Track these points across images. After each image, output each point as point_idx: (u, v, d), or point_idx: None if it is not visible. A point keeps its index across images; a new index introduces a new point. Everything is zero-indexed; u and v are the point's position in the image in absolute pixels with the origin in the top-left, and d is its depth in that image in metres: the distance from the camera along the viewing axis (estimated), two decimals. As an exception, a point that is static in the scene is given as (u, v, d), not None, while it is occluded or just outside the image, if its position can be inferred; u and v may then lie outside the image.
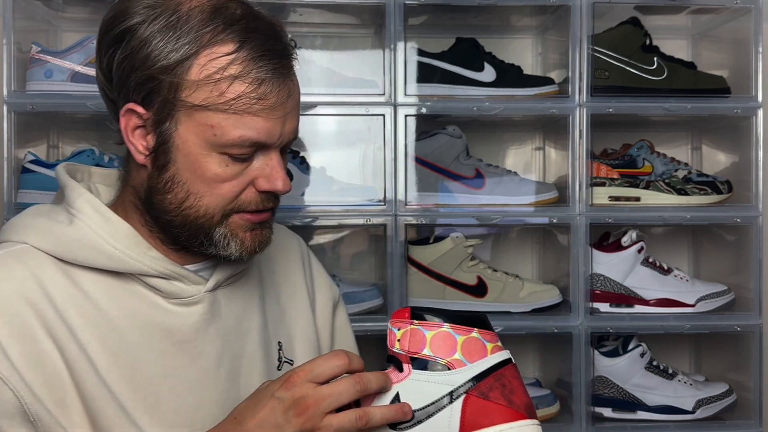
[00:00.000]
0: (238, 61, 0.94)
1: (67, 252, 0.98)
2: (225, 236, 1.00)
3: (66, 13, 1.93)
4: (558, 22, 1.90)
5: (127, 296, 1.00)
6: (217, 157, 0.96)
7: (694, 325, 1.84)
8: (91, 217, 1.00)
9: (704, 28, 2.06)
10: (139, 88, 0.96)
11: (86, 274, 0.99)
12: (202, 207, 0.98)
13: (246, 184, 0.99)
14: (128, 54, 0.95)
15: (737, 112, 1.85)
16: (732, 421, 1.86)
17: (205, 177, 0.97)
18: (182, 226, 0.99)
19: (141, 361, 0.99)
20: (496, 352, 0.94)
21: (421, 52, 1.85)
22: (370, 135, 1.89)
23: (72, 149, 1.84)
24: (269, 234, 1.05)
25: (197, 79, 0.94)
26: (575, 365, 1.81)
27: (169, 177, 0.98)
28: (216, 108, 0.94)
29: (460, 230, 1.88)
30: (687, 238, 2.12)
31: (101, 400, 0.95)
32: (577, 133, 1.82)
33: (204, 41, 0.94)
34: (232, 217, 1.00)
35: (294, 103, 1.00)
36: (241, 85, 0.94)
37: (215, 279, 1.05)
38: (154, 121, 0.97)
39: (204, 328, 1.04)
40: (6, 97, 1.71)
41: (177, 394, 1.00)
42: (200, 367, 1.03)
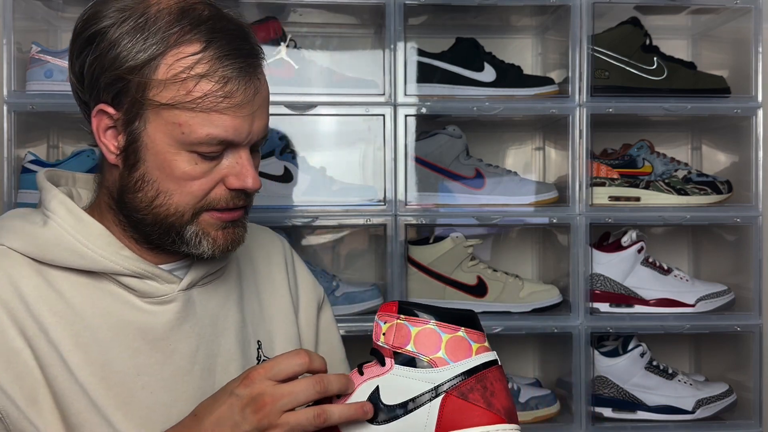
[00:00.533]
0: (205, 60, 0.95)
1: (41, 252, 0.99)
2: (197, 234, 1.01)
3: (66, 13, 1.93)
4: (558, 22, 1.90)
5: (101, 295, 1.01)
6: (186, 156, 0.97)
7: (694, 325, 1.84)
8: (64, 218, 1.01)
9: (704, 28, 2.06)
10: (109, 89, 0.97)
11: (61, 274, 1.00)
12: (172, 205, 0.99)
13: (215, 182, 1.00)
14: (98, 55, 0.97)
15: (737, 112, 1.85)
16: (732, 421, 1.86)
17: (174, 175, 0.98)
18: (153, 224, 1.00)
19: (114, 359, 0.99)
20: (481, 353, 0.93)
21: (421, 52, 1.85)
22: (370, 135, 1.89)
23: (72, 149, 1.84)
24: (242, 232, 1.05)
25: (164, 79, 0.95)
26: (575, 365, 1.81)
27: (140, 176, 0.99)
28: (183, 106, 0.95)
29: (460, 230, 1.88)
30: (687, 238, 2.12)
31: (73, 397, 0.96)
32: (577, 133, 1.82)
33: (171, 41, 0.95)
34: (202, 215, 1.01)
35: (261, 101, 1.01)
36: (208, 84, 0.95)
37: (189, 278, 1.06)
38: (124, 120, 0.98)
39: (178, 327, 1.04)
40: (6, 97, 1.71)
41: (150, 392, 1.01)
42: (174, 365, 1.03)
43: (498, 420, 0.89)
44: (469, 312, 0.97)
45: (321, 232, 2.00)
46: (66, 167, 1.74)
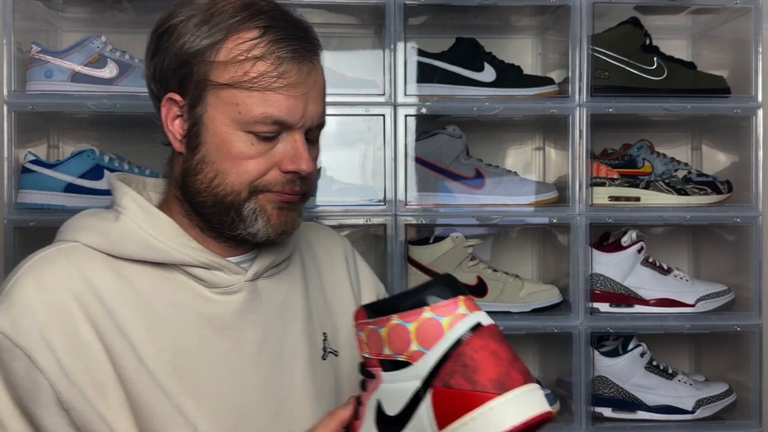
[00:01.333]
0: (262, 44, 1.01)
1: (114, 246, 1.04)
2: (254, 211, 1.04)
3: (66, 13, 1.93)
4: (558, 22, 1.90)
5: (170, 286, 1.05)
6: (242, 136, 1.02)
7: (694, 325, 1.84)
8: (135, 212, 1.06)
9: (704, 28, 2.06)
10: (175, 75, 1.03)
11: (132, 267, 1.04)
12: (228, 185, 1.03)
13: (271, 165, 1.03)
14: (167, 48, 1.04)
15: (737, 112, 1.85)
16: (732, 421, 1.86)
17: (231, 155, 1.02)
18: (213, 205, 1.04)
19: (184, 347, 1.03)
20: (456, 324, 0.83)
21: (421, 52, 1.85)
22: (370, 135, 1.89)
23: (72, 149, 1.83)
24: (296, 217, 1.08)
25: (224, 61, 1.01)
26: (575, 365, 1.81)
27: (200, 158, 1.04)
28: (240, 86, 1.00)
29: (460, 230, 1.88)
30: (687, 238, 2.12)
31: (144, 386, 0.98)
32: (577, 133, 1.82)
33: (232, 29, 1.01)
34: (259, 195, 1.04)
35: (318, 88, 1.06)
36: (263, 65, 1.00)
37: (255, 269, 1.10)
38: (188, 106, 1.04)
39: (245, 316, 1.07)
40: (6, 97, 1.71)
41: (220, 379, 1.04)
42: (242, 354, 1.06)
43: (484, 398, 0.79)
44: (434, 281, 0.86)
45: (321, 232, 2.00)
46: (66, 167, 1.74)
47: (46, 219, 1.71)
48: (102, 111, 1.71)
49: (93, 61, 1.76)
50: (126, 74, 1.77)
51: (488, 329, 0.85)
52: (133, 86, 1.76)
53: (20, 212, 1.72)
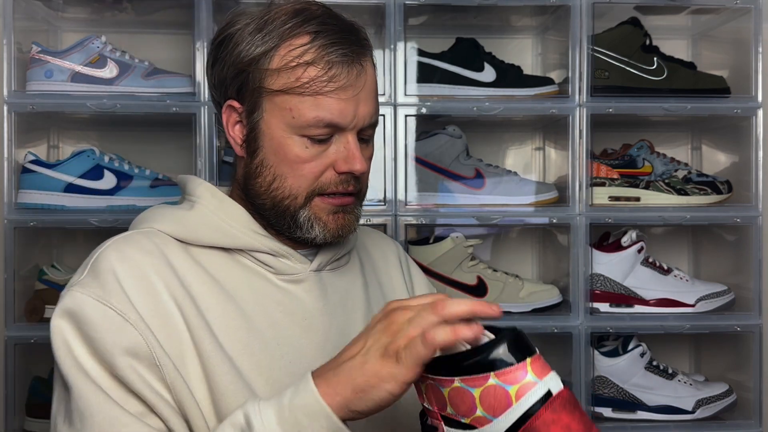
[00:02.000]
0: (312, 49, 1.04)
1: (187, 232, 1.08)
2: (309, 219, 1.08)
3: (66, 13, 1.93)
4: (558, 22, 1.90)
5: (241, 269, 1.09)
6: (297, 140, 1.06)
7: (694, 325, 1.84)
8: (209, 200, 1.11)
9: (704, 28, 2.06)
10: (233, 83, 1.08)
11: (204, 252, 1.08)
12: (287, 188, 1.07)
13: (325, 166, 1.07)
14: (225, 56, 1.08)
15: (737, 112, 1.85)
16: (732, 421, 1.86)
17: (288, 158, 1.06)
18: (272, 208, 1.09)
19: (257, 327, 1.06)
20: (524, 395, 0.79)
21: (421, 52, 1.85)
22: (370, 135, 1.89)
23: (72, 149, 1.83)
24: (352, 220, 1.12)
25: (277, 68, 1.05)
26: (575, 365, 1.81)
27: (259, 161, 1.08)
28: (293, 92, 1.04)
29: (460, 230, 1.88)
30: (687, 238, 2.12)
31: (218, 361, 1.01)
32: (577, 133, 1.82)
33: (284, 36, 1.05)
34: (314, 200, 1.08)
35: (368, 88, 1.08)
36: (314, 70, 1.04)
37: (319, 260, 1.14)
38: (246, 112, 1.08)
39: (312, 304, 1.11)
40: (6, 97, 1.71)
41: (289, 361, 1.06)
42: (309, 340, 1.09)
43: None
44: (499, 338, 0.80)
45: (321, 232, 2.00)
46: (66, 167, 1.74)
47: (46, 219, 1.71)
48: (102, 111, 1.71)
49: (93, 61, 1.76)
50: (126, 74, 1.77)
51: (559, 398, 0.80)
52: (133, 86, 1.76)
53: (20, 212, 1.72)
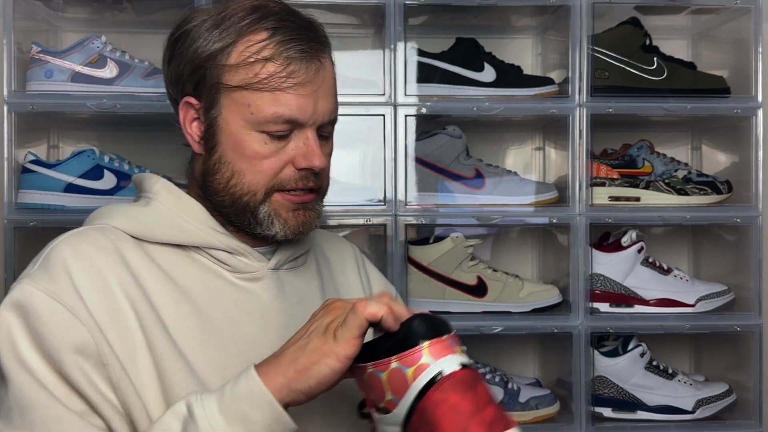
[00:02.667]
0: (271, 45, 1.04)
1: (142, 229, 1.07)
2: (269, 215, 1.08)
3: (66, 13, 1.93)
4: (558, 22, 1.90)
5: (197, 267, 1.08)
6: (256, 136, 1.06)
7: (694, 325, 1.84)
8: (166, 197, 1.10)
9: (704, 28, 2.06)
10: (190, 79, 1.08)
11: (159, 249, 1.07)
12: (245, 184, 1.07)
13: (285, 162, 1.07)
14: (182, 51, 1.08)
15: (737, 112, 1.85)
16: (732, 421, 1.86)
17: (246, 154, 1.06)
18: (231, 205, 1.08)
19: (212, 325, 1.05)
20: (418, 376, 0.83)
21: (421, 52, 1.85)
22: (370, 135, 1.89)
23: (72, 149, 1.83)
24: (313, 217, 1.12)
25: (235, 64, 1.04)
26: (575, 365, 1.81)
27: (217, 158, 1.08)
28: (251, 87, 1.04)
29: (460, 230, 1.88)
30: (687, 238, 2.12)
31: (172, 359, 1.00)
32: (577, 133, 1.82)
33: (242, 32, 1.05)
34: (274, 195, 1.08)
35: (327, 85, 1.09)
36: (273, 66, 1.04)
37: (277, 258, 1.13)
38: (204, 109, 1.08)
39: (270, 303, 1.11)
40: (6, 97, 1.71)
41: (246, 359, 1.04)
42: (267, 338, 1.08)
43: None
44: (405, 322, 0.87)
45: (321, 232, 2.00)
46: (66, 167, 1.74)
47: (46, 219, 1.71)
48: (102, 111, 1.71)
49: (93, 61, 1.76)
50: (126, 74, 1.77)
51: (450, 379, 0.82)
52: (133, 86, 1.76)
53: (20, 212, 1.72)
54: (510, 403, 1.82)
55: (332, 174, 1.87)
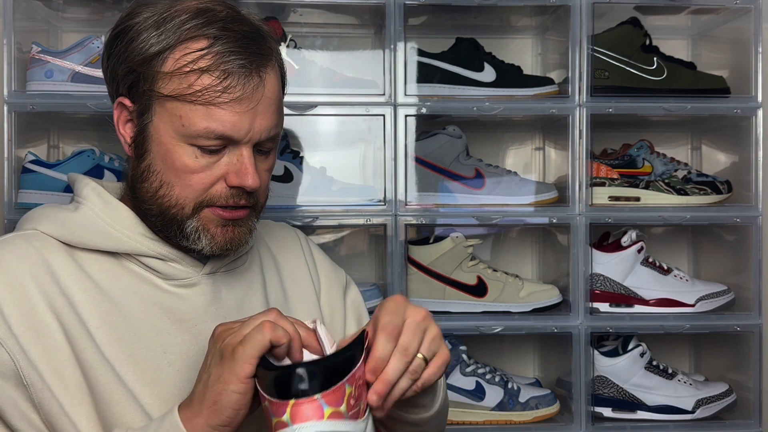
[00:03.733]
0: (209, 55, 0.98)
1: (71, 235, 1.03)
2: (196, 230, 1.02)
3: (66, 13, 1.93)
4: (558, 22, 1.90)
5: (127, 275, 1.04)
6: (187, 149, 1.00)
7: (693, 325, 1.84)
8: (94, 202, 1.06)
9: (704, 28, 2.06)
10: (125, 80, 1.02)
11: (89, 256, 1.03)
12: (173, 197, 1.02)
13: (216, 178, 1.01)
14: (120, 50, 1.02)
15: (737, 112, 1.85)
16: (732, 420, 1.86)
17: (175, 167, 1.01)
18: (158, 215, 1.03)
19: (141, 336, 1.02)
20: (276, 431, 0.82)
21: (421, 52, 1.85)
22: (370, 135, 1.89)
23: (72, 149, 1.83)
24: (244, 234, 1.06)
25: (170, 71, 0.99)
26: (575, 365, 1.81)
27: (146, 166, 1.03)
28: (184, 99, 0.98)
29: (460, 230, 1.88)
30: (687, 238, 2.12)
31: (100, 371, 0.98)
32: (577, 133, 1.82)
33: (182, 37, 0.99)
34: (203, 210, 1.02)
35: (267, 101, 1.02)
36: (208, 78, 0.98)
37: (213, 263, 1.09)
38: (137, 112, 1.03)
39: (204, 310, 1.07)
40: (6, 97, 1.71)
41: (177, 369, 1.03)
42: (200, 346, 1.05)
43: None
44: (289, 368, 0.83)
45: (321, 232, 2.00)
46: (66, 167, 1.74)
47: (46, 219, 1.71)
48: (102, 111, 1.71)
49: (93, 61, 1.76)
50: (126, 74, 1.77)
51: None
52: (133, 86, 1.76)
53: (20, 212, 1.71)
54: (510, 403, 1.83)
55: (332, 174, 1.90)
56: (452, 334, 1.84)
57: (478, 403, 1.83)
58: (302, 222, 1.77)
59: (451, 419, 1.82)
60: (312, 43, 1.97)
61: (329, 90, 1.81)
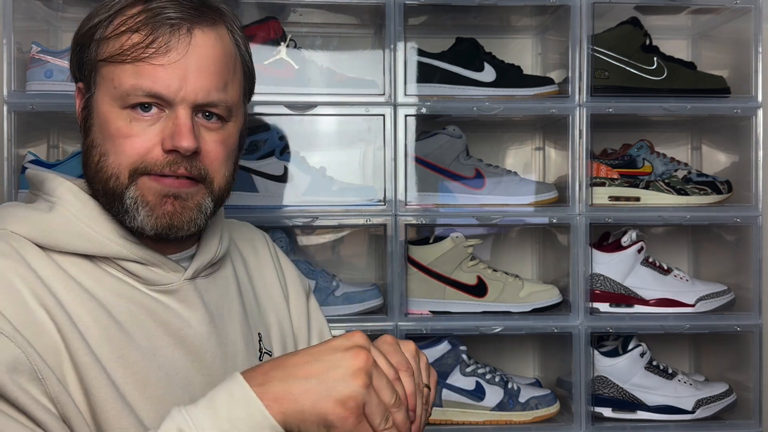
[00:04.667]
0: (140, 17, 0.98)
1: (46, 237, 0.98)
2: (135, 201, 0.98)
3: (66, 13, 1.93)
4: (558, 22, 1.90)
5: (108, 278, 1.01)
6: (121, 113, 0.98)
7: (693, 325, 1.84)
8: (71, 203, 1.01)
9: (704, 28, 2.06)
10: (76, 61, 1.03)
11: (66, 259, 0.99)
12: (109, 166, 0.99)
13: (152, 143, 0.98)
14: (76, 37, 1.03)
15: (737, 112, 1.85)
16: (732, 421, 1.86)
17: (110, 133, 0.98)
18: (103, 194, 1.00)
19: (131, 338, 0.99)
20: None
21: (421, 52, 1.85)
22: (370, 135, 1.89)
23: (72, 149, 1.83)
24: (190, 211, 1.01)
25: (108, 36, 0.99)
26: (575, 365, 1.81)
27: (90, 141, 1.01)
28: (115, 59, 0.98)
29: (460, 230, 1.88)
30: (687, 238, 2.12)
31: (94, 373, 0.95)
32: (577, 133, 1.82)
33: (120, 6, 1.00)
34: (141, 178, 0.98)
35: (203, 59, 0.99)
36: (138, 36, 0.97)
37: (194, 267, 1.06)
38: (85, 90, 1.03)
39: (188, 315, 1.05)
40: (6, 97, 1.71)
41: (166, 373, 1.01)
42: (186, 350, 1.04)
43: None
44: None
45: (321, 232, 2.00)
46: (66, 167, 1.74)
47: (46, 219, 1.71)
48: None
49: (93, 61, 1.76)
50: (126, 74, 1.77)
51: None
52: (133, 86, 1.76)
53: (20, 212, 1.72)
54: (510, 403, 1.83)
55: (332, 174, 1.90)
56: (452, 334, 1.84)
57: (478, 403, 1.83)
58: (302, 222, 1.77)
59: (451, 419, 1.82)
60: (312, 43, 1.97)
61: (329, 90, 1.81)
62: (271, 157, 1.82)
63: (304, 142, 1.90)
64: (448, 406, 1.82)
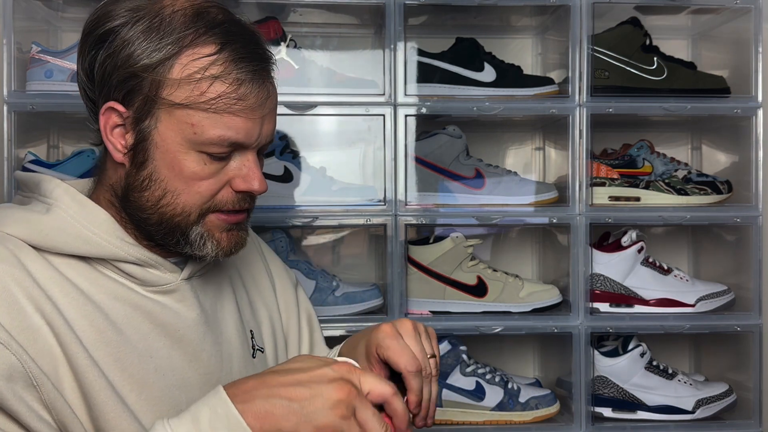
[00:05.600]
0: (220, 62, 0.97)
1: (43, 239, 0.98)
2: (201, 236, 1.02)
3: (66, 13, 1.93)
4: (558, 22, 1.90)
5: (104, 280, 1.01)
6: (195, 156, 0.99)
7: (694, 325, 1.84)
8: (69, 204, 1.01)
9: (704, 28, 2.06)
10: (121, 86, 0.99)
11: (62, 261, 0.99)
12: (179, 205, 1.01)
13: (223, 184, 1.02)
14: (111, 53, 0.98)
15: (737, 112, 1.85)
16: (732, 421, 1.86)
17: (183, 175, 0.99)
18: (159, 224, 1.02)
19: (127, 340, 1.00)
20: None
21: (421, 52, 1.85)
22: (370, 135, 1.89)
23: (72, 149, 1.83)
24: (244, 236, 1.08)
25: (179, 78, 0.97)
26: (575, 365, 1.81)
27: (147, 174, 1.00)
28: (197, 107, 0.97)
29: (460, 230, 1.88)
30: (687, 238, 2.12)
31: (92, 376, 0.95)
32: (577, 133, 1.82)
33: (186, 42, 0.97)
34: (208, 216, 1.02)
35: (272, 105, 1.04)
36: (222, 85, 0.97)
37: (190, 268, 1.08)
38: (133, 119, 0.99)
39: (185, 315, 1.06)
40: (6, 97, 1.71)
41: (162, 375, 1.02)
42: (183, 351, 1.05)
43: None
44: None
45: (321, 232, 2.00)
46: (66, 167, 1.74)
47: (46, 219, 1.71)
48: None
49: (93, 61, 1.76)
50: (126, 74, 1.77)
51: None
52: (133, 86, 1.76)
53: (20, 212, 1.72)
54: (510, 403, 1.83)
55: (332, 174, 1.90)
56: (452, 334, 1.84)
57: (478, 404, 1.83)
58: (302, 222, 1.77)
59: (451, 419, 1.82)
60: (312, 42, 1.97)
61: (329, 90, 1.81)
62: (271, 157, 1.82)
63: (304, 142, 1.91)
64: (448, 406, 1.82)
